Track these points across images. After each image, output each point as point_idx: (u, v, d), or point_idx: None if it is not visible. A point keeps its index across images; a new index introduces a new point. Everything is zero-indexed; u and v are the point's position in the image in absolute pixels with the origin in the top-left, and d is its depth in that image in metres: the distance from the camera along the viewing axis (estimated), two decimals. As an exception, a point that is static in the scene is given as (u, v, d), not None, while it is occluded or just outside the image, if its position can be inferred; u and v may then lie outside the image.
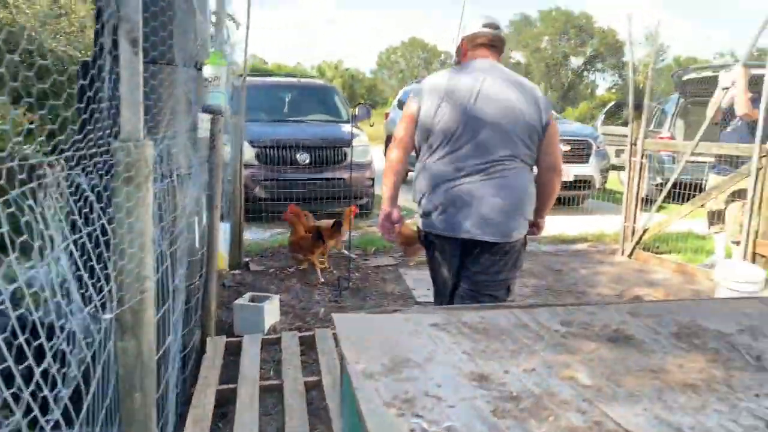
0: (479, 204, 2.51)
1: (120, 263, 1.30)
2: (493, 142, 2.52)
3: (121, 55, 1.32)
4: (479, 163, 2.51)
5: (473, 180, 2.52)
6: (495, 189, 2.51)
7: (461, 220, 2.53)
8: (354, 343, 1.35)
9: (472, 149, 2.52)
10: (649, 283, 5.14)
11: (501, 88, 2.56)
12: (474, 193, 2.51)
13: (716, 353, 1.36)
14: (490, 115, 2.52)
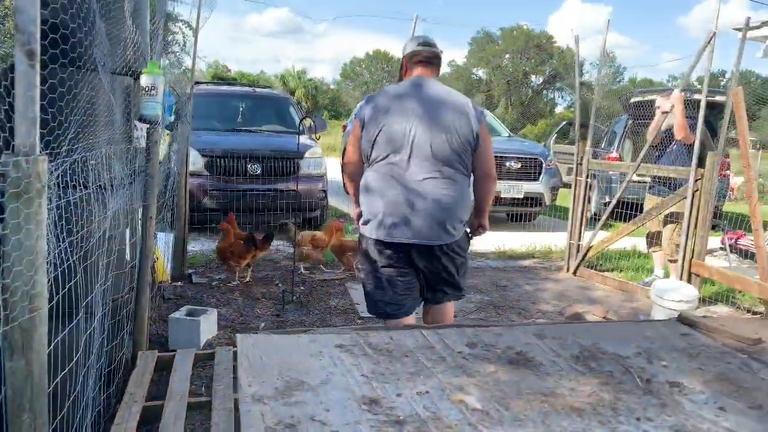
0: (416, 213, 2.72)
1: (5, 281, 1.26)
2: (430, 156, 2.73)
3: (17, 67, 1.28)
4: (417, 176, 2.73)
5: (410, 191, 2.72)
6: (431, 199, 2.73)
7: (401, 228, 2.74)
8: (252, 364, 1.34)
9: (411, 163, 2.74)
10: (590, 300, 5.25)
11: (436, 104, 2.78)
12: (412, 202, 2.72)
13: (609, 376, 1.40)
14: (427, 131, 2.73)
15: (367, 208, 2.85)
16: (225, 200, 6.65)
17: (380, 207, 2.77)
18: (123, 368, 3.14)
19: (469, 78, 44.74)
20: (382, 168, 2.78)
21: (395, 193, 2.74)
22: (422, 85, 2.85)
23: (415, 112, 2.74)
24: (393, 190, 2.75)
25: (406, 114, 2.74)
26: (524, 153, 8.52)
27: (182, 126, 5.22)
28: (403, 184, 2.74)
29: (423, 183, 2.73)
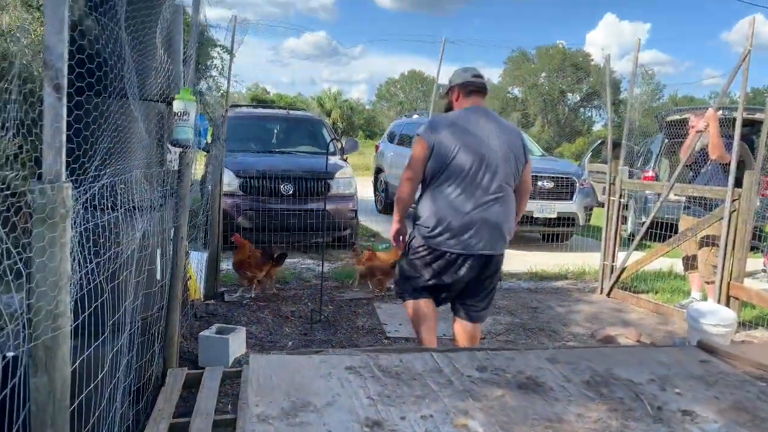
0: (478, 228, 3.18)
1: (30, 302, 1.33)
2: (497, 178, 3.22)
3: (45, 100, 1.37)
4: (487, 195, 3.20)
5: (482, 208, 3.19)
6: (496, 215, 3.22)
7: (475, 242, 3.18)
8: (261, 384, 1.37)
9: (484, 184, 3.20)
10: (623, 322, 5.14)
11: (499, 132, 3.27)
12: (474, 219, 3.17)
13: (620, 403, 1.38)
14: (496, 156, 3.21)
15: (437, 222, 3.21)
16: (258, 219, 6.77)
17: (454, 222, 3.17)
18: (153, 385, 3.22)
19: (504, 97, 44.58)
20: (455, 187, 3.19)
21: (468, 210, 3.17)
22: (484, 113, 3.33)
23: (484, 138, 3.21)
24: (466, 207, 3.17)
25: (477, 139, 3.20)
26: (557, 172, 8.43)
27: (217, 148, 5.37)
28: (475, 202, 3.18)
29: (491, 201, 3.20)
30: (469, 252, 3.19)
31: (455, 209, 3.19)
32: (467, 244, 3.18)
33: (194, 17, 3.56)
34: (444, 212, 3.21)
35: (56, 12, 1.39)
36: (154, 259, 3.12)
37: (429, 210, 3.27)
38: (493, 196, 3.21)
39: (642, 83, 27.09)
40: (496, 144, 3.22)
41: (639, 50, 5.89)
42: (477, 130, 3.23)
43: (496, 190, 3.22)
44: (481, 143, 3.20)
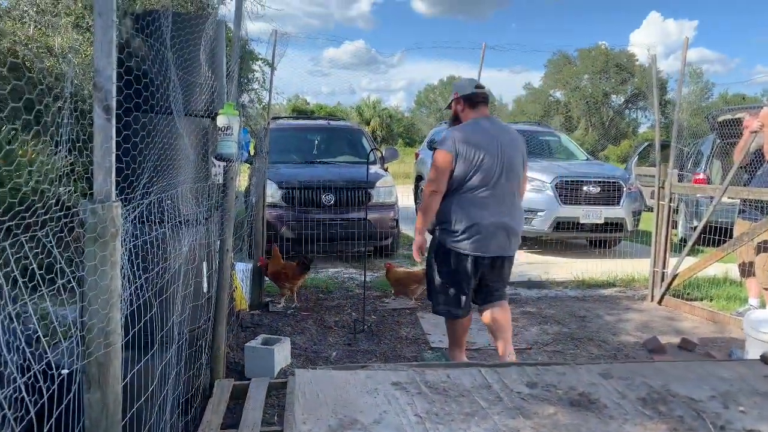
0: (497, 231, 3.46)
1: (83, 319, 1.36)
2: (514, 182, 3.52)
3: (95, 121, 1.41)
4: (506, 200, 3.49)
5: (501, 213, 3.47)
6: (517, 218, 3.58)
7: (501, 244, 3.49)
8: (308, 400, 1.37)
9: (506, 189, 3.49)
10: (676, 331, 4.95)
11: (509, 140, 3.56)
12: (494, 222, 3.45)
13: (680, 422, 1.32)
14: (511, 162, 3.50)
15: (468, 226, 3.44)
16: (301, 230, 6.84)
17: (477, 227, 3.42)
18: (201, 396, 3.26)
19: (546, 100, 43.94)
20: (482, 193, 3.44)
21: (489, 216, 3.42)
22: (493, 123, 3.64)
23: (499, 146, 3.47)
24: (487, 213, 3.42)
25: (494, 147, 3.46)
26: (603, 176, 8.23)
27: (260, 160, 5.45)
28: (495, 207, 3.45)
29: (509, 205, 3.50)
30: (497, 254, 3.49)
31: (484, 214, 3.44)
32: (495, 246, 3.47)
33: (236, 32, 3.62)
34: (474, 217, 3.43)
35: (105, 35, 1.42)
36: (200, 271, 3.17)
37: (457, 216, 3.47)
38: (513, 199, 3.54)
39: (690, 82, 26.30)
40: (509, 151, 3.51)
41: (686, 49, 5.70)
42: (492, 139, 3.49)
43: (514, 193, 3.55)
44: (498, 151, 3.46)
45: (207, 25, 2.73)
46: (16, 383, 1.16)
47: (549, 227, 7.87)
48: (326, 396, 1.39)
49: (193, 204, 2.71)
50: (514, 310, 5.43)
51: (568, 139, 10.54)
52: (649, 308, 5.66)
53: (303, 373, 1.54)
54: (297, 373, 1.51)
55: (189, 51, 2.63)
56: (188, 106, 2.66)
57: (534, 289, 6.31)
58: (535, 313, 5.38)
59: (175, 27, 2.47)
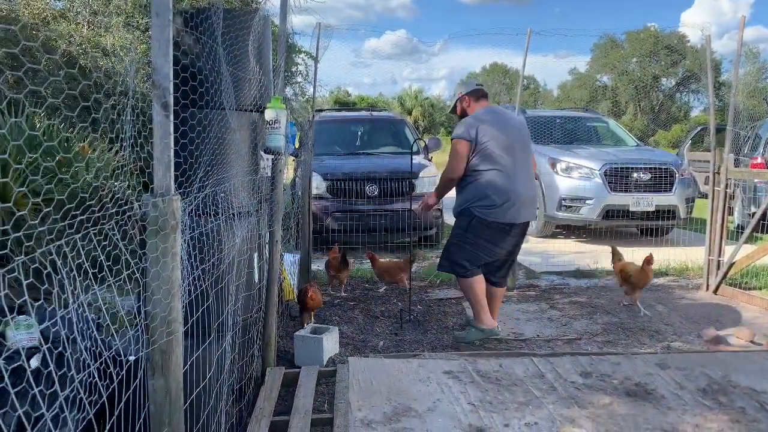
0: (525, 200, 4.03)
1: (147, 309, 1.42)
2: (527, 160, 4.11)
3: (154, 118, 1.46)
4: (521, 175, 4.01)
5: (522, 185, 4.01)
6: (533, 189, 4.18)
7: (524, 212, 4.06)
8: (363, 387, 1.39)
9: (522, 165, 4.03)
10: (734, 321, 4.79)
11: (516, 125, 4.17)
12: (521, 193, 3.99)
13: (741, 413, 1.28)
14: (521, 143, 4.08)
15: (496, 199, 3.93)
16: (346, 221, 6.90)
17: (510, 198, 3.93)
18: (253, 383, 3.35)
19: (593, 85, 42.80)
20: (499, 172, 3.93)
21: (517, 188, 3.96)
22: (499, 111, 4.30)
23: (509, 130, 4.04)
24: (515, 186, 3.96)
25: (505, 131, 4.01)
26: (654, 163, 7.99)
27: (305, 153, 5.52)
28: (519, 180, 3.98)
29: (527, 178, 4.07)
30: (520, 221, 4.04)
31: (507, 188, 3.94)
32: (519, 214, 4.01)
33: (282, 27, 3.67)
34: (500, 191, 3.93)
35: (162, 33, 1.47)
36: (252, 262, 3.25)
37: (485, 191, 3.97)
38: (530, 171, 4.12)
39: (746, 62, 25.17)
40: (516, 134, 4.07)
41: (743, 27, 5.47)
42: (502, 124, 4.04)
43: (530, 166, 4.13)
44: (509, 134, 4.01)
45: (255, 20, 2.78)
46: (90, 368, 1.23)
47: (598, 215, 7.71)
48: (380, 384, 1.42)
49: (245, 197, 2.77)
50: (562, 299, 5.36)
51: (617, 125, 10.27)
52: (704, 298, 5.49)
53: (356, 361, 1.57)
54: (350, 361, 1.54)
55: (238, 47, 2.68)
56: (238, 101, 2.72)
57: (583, 279, 6.21)
58: (585, 303, 5.29)
59: (225, 23, 2.52)
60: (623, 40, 41.35)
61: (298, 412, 3.10)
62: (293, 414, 3.08)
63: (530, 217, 4.17)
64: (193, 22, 2.39)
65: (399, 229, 6.90)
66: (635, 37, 40.25)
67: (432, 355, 1.83)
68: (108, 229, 1.26)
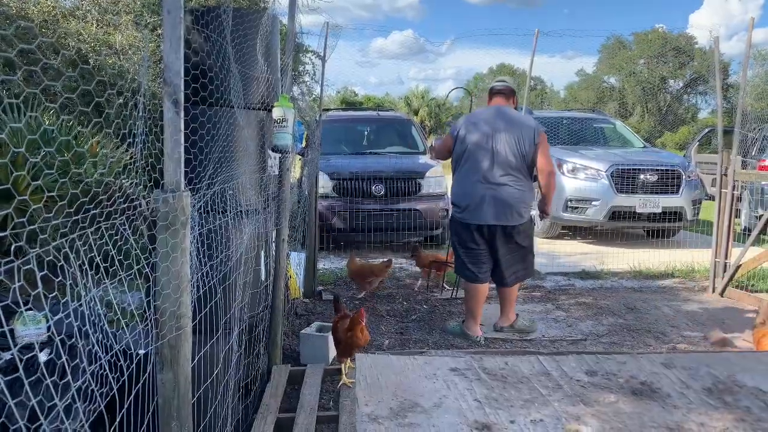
0: (491, 203, 4.02)
1: (156, 303, 1.44)
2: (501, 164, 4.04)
3: (165, 115, 1.47)
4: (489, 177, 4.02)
5: (488, 187, 4.03)
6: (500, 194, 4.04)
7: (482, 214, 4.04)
8: (369, 383, 1.40)
9: (495, 166, 4.04)
10: (740, 324, 4.77)
11: (506, 125, 4.09)
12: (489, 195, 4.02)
13: (746, 412, 1.29)
14: (504, 143, 4.04)
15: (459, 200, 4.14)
16: (352, 220, 6.92)
17: (468, 200, 4.06)
18: (259, 380, 3.37)
19: (599, 86, 42.67)
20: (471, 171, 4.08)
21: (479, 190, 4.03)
22: (497, 111, 4.20)
23: (493, 131, 4.06)
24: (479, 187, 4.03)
25: (487, 133, 4.06)
26: (661, 164, 7.97)
27: (312, 152, 5.53)
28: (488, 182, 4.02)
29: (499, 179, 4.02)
30: (490, 222, 4.04)
31: (477, 188, 4.04)
32: (487, 216, 4.03)
33: (290, 26, 3.68)
34: (469, 191, 4.07)
35: (174, 31, 1.48)
36: (259, 260, 3.27)
37: (456, 190, 4.20)
38: (506, 174, 4.04)
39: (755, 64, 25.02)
40: (502, 136, 4.04)
41: (752, 29, 5.45)
42: (492, 123, 4.09)
43: (508, 170, 4.04)
44: (496, 134, 4.04)
45: (264, 19, 2.80)
46: (101, 361, 1.25)
47: (604, 217, 7.70)
48: (386, 380, 1.43)
49: (253, 194, 2.79)
50: (567, 300, 5.36)
51: (624, 126, 10.24)
52: (711, 300, 5.48)
53: (363, 357, 1.58)
54: (357, 357, 1.55)
55: (247, 45, 2.70)
56: (246, 99, 2.74)
57: (589, 280, 6.20)
58: (590, 303, 5.29)
59: (234, 22, 2.54)
60: (631, 42, 41.25)
61: (303, 409, 3.11)
62: (299, 411, 3.09)
63: (505, 220, 4.03)
64: (203, 20, 2.41)
65: (405, 229, 6.91)
66: (643, 38, 40.14)
67: (438, 352, 1.85)
68: (119, 224, 1.27)
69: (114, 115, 1.76)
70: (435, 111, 37.79)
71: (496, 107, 4.22)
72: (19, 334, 1.81)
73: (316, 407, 3.14)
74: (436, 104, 38.75)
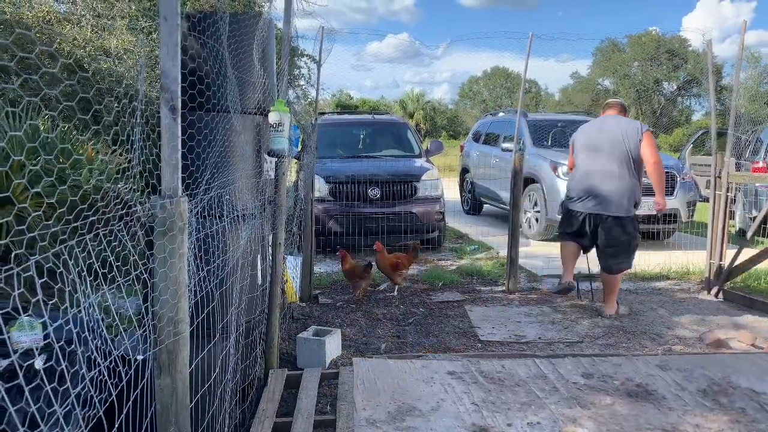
0: (602, 196, 4.74)
1: (154, 308, 1.44)
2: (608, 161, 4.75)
3: (162, 121, 1.48)
4: (604, 173, 4.74)
5: (602, 182, 4.74)
6: (608, 187, 4.74)
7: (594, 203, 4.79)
8: (367, 387, 1.41)
9: (599, 165, 4.77)
10: (735, 325, 4.79)
11: (615, 129, 4.79)
12: (601, 189, 4.74)
13: (741, 414, 1.30)
14: (611, 148, 4.74)
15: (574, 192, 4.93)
16: (348, 224, 6.92)
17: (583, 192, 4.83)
18: (256, 385, 3.37)
19: (594, 89, 42.83)
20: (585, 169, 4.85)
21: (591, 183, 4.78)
22: (608, 119, 4.97)
23: (603, 135, 4.81)
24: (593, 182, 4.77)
25: (598, 137, 4.83)
26: (656, 166, 7.99)
27: (308, 156, 5.54)
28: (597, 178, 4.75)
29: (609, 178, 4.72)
30: (588, 211, 4.80)
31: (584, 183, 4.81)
32: (587, 206, 4.80)
33: (285, 31, 3.69)
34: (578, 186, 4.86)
35: (171, 37, 1.49)
36: (255, 264, 3.27)
37: (570, 185, 5.02)
38: (608, 175, 4.71)
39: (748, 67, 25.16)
40: (610, 138, 4.73)
41: (744, 32, 5.48)
42: (599, 131, 4.87)
43: (613, 168, 4.70)
44: (600, 139, 4.78)
45: (259, 24, 2.80)
46: (100, 366, 1.25)
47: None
48: (384, 384, 1.43)
49: (249, 199, 2.79)
50: (564, 302, 5.37)
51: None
52: (706, 301, 5.50)
53: (361, 361, 1.58)
54: (355, 362, 1.56)
55: (243, 50, 2.71)
56: (243, 104, 2.74)
57: (584, 282, 6.21)
58: (586, 305, 5.31)
59: (230, 27, 2.54)
60: (625, 44, 41.45)
61: (300, 413, 3.12)
62: (296, 415, 3.10)
63: (606, 210, 4.74)
64: (200, 26, 2.41)
65: (401, 232, 6.92)
66: (637, 41, 40.35)
67: (435, 356, 1.85)
68: (117, 230, 1.28)
69: (111, 121, 1.77)
70: (430, 114, 37.86)
71: (607, 116, 5.00)
72: (15, 341, 1.81)
73: (313, 412, 3.14)
74: (431, 107, 38.84)
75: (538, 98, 50.19)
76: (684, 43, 40.51)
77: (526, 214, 8.49)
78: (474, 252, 7.68)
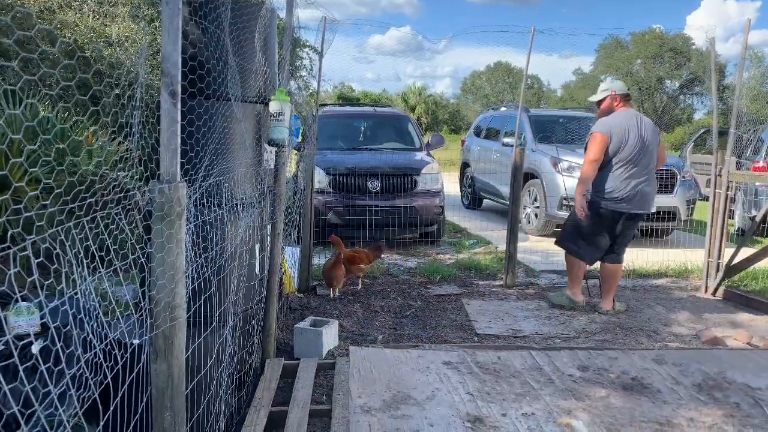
0: (644, 195, 4.72)
1: (151, 293, 1.44)
2: (650, 161, 4.75)
3: (162, 106, 1.47)
4: (644, 174, 4.72)
5: (642, 182, 4.70)
6: (649, 187, 4.77)
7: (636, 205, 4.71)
8: (363, 376, 1.41)
9: (643, 166, 4.71)
10: (732, 323, 4.80)
11: (647, 129, 4.74)
12: (643, 189, 4.70)
13: (735, 408, 1.30)
14: (648, 146, 4.72)
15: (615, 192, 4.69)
16: (347, 216, 6.92)
17: (628, 192, 4.66)
18: (252, 374, 3.37)
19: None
20: (628, 169, 4.66)
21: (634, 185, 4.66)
22: (636, 115, 4.83)
23: (640, 133, 4.68)
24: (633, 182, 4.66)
25: (637, 135, 4.66)
26: (656, 164, 7.99)
27: (308, 146, 5.53)
28: (638, 178, 4.67)
29: (647, 178, 4.72)
30: (632, 211, 4.72)
31: (627, 183, 4.66)
32: (632, 207, 4.69)
33: (288, 20, 3.68)
34: (620, 185, 4.66)
35: (172, 22, 1.48)
36: (253, 253, 3.27)
37: (610, 184, 4.69)
38: (647, 174, 4.73)
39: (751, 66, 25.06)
40: (647, 137, 4.68)
41: (748, 31, 5.46)
42: (635, 128, 4.67)
43: (649, 170, 4.74)
44: (639, 137, 4.64)
45: (262, 12, 2.79)
46: (95, 349, 1.25)
47: None
48: (380, 372, 1.43)
49: (248, 188, 2.79)
50: (561, 298, 5.38)
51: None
52: (703, 299, 5.50)
53: (357, 350, 1.58)
54: (351, 350, 1.56)
55: (244, 38, 2.70)
56: (243, 92, 2.74)
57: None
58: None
59: (232, 14, 2.53)
60: (628, 42, 41.32)
61: (296, 402, 3.12)
62: (292, 405, 3.10)
63: (643, 208, 4.77)
64: (201, 11, 2.40)
65: (400, 225, 6.92)
66: (640, 38, 40.21)
67: (432, 346, 1.85)
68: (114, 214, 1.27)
69: (110, 105, 1.76)
70: (432, 108, 37.78)
71: (633, 112, 4.89)
72: (11, 325, 1.81)
73: (309, 401, 3.14)
74: (433, 101, 38.76)
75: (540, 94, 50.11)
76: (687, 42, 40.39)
77: (525, 210, 8.49)
78: (473, 246, 7.68)
